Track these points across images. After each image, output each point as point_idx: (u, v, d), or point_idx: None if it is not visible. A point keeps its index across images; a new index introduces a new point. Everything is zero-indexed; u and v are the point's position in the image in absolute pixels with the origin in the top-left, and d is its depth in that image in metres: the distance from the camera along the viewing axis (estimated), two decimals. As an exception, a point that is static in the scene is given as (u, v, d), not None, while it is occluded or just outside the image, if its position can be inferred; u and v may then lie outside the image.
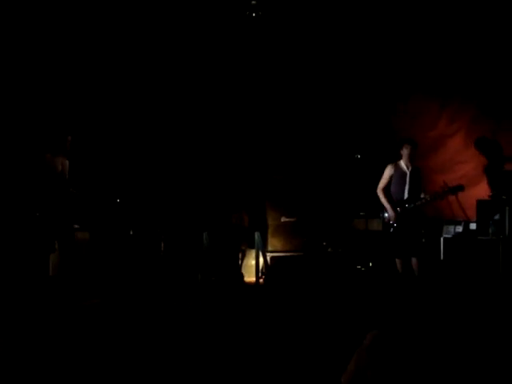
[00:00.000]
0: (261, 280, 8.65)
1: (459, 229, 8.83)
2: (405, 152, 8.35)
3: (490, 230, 8.41)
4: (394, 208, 8.28)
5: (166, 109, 9.52)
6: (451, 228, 8.89)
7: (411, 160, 8.35)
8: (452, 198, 8.48)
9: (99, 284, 7.68)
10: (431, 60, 9.50)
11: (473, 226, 8.74)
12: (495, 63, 9.23)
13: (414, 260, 8.20)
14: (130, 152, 9.25)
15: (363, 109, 9.65)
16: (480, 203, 8.79)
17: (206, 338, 5.33)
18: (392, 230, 8.31)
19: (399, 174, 8.37)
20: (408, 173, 8.33)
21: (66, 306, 6.66)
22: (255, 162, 9.73)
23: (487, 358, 4.48)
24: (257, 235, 8.97)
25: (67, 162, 7.64)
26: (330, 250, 9.07)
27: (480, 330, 5.40)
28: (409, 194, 8.29)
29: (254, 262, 9.02)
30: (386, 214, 8.35)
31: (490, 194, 8.95)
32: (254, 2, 9.02)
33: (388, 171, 8.46)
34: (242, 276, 9.31)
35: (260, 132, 9.78)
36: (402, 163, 8.39)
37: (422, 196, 8.28)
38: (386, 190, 8.46)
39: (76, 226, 7.76)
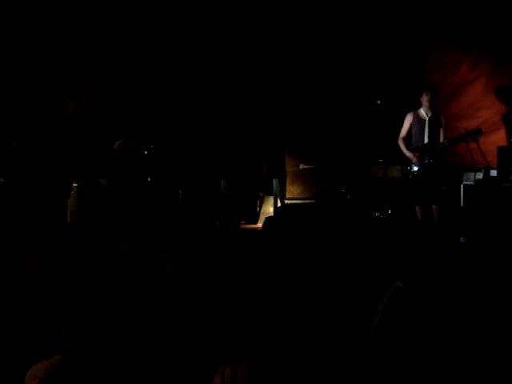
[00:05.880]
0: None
1: (479, 175, 8.75)
2: (424, 99, 8.28)
3: (511, 177, 8.36)
4: (413, 152, 8.25)
5: (184, 58, 9.45)
6: (471, 175, 8.81)
7: (431, 107, 8.28)
8: (472, 144, 8.42)
9: (118, 230, 7.68)
10: (451, 7, 9.33)
11: (493, 172, 8.67)
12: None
13: (434, 207, 8.17)
14: (148, 99, 9.20)
15: (384, 55, 9.52)
16: (501, 150, 8.71)
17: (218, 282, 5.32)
18: (411, 176, 8.29)
19: (418, 121, 8.31)
20: (427, 119, 8.27)
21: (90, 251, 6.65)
22: (274, 108, 9.64)
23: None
24: (275, 182, 8.95)
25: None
26: (348, 197, 9.04)
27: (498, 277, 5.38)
28: (429, 139, 8.24)
29: (272, 209, 9.03)
30: (409, 167, 8.34)
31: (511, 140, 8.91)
32: None
33: (407, 120, 8.41)
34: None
35: (279, 77, 9.67)
36: (422, 110, 8.32)
37: (441, 141, 8.24)
38: (406, 138, 8.43)
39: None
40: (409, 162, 8.32)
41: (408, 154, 8.31)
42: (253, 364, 3.00)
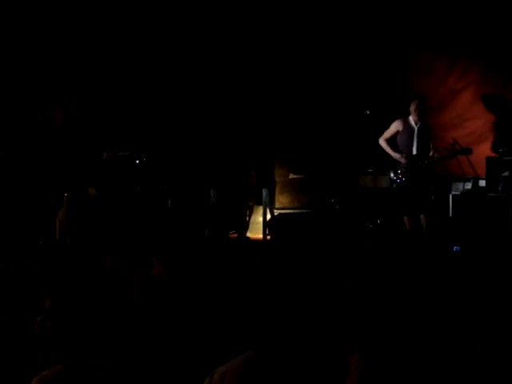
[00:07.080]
0: (268, 237, 8.67)
1: (468, 186, 8.80)
2: (413, 108, 8.29)
3: (500, 187, 8.40)
4: (399, 153, 8.25)
5: (173, 69, 9.45)
6: (460, 185, 8.86)
7: (420, 116, 8.29)
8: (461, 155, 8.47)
9: (108, 240, 7.66)
10: (440, 15, 9.37)
11: (482, 182, 8.71)
12: (505, 17, 9.12)
13: (422, 217, 8.19)
14: (138, 109, 9.19)
15: (373, 65, 9.54)
16: (489, 160, 8.75)
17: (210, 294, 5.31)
18: (395, 185, 8.33)
19: (407, 129, 8.32)
20: (416, 129, 8.28)
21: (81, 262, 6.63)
22: (263, 118, 9.64)
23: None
24: (264, 192, 8.95)
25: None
26: (337, 206, 9.05)
27: (487, 287, 5.39)
28: (417, 150, 8.26)
29: (261, 219, 9.03)
30: (392, 174, 8.35)
31: (500, 150, 8.93)
32: None
33: (395, 125, 8.40)
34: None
35: (267, 88, 9.68)
36: (411, 119, 8.33)
37: (431, 154, 8.26)
38: (389, 142, 8.44)
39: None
40: (394, 168, 8.34)
41: (394, 154, 8.31)
42: (242, 370, 3.02)
